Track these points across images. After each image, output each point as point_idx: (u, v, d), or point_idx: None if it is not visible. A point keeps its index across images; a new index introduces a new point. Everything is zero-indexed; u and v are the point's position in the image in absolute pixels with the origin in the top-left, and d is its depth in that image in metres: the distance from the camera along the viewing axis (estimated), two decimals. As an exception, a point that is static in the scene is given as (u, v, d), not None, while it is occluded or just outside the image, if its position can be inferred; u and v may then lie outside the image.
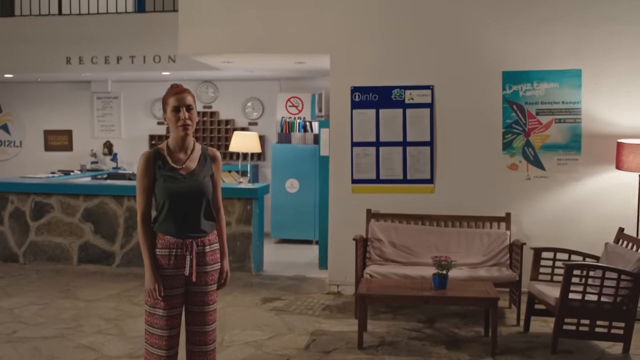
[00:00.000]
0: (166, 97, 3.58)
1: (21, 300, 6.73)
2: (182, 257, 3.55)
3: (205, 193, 3.58)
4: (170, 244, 3.54)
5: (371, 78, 6.93)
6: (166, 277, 3.54)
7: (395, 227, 6.77)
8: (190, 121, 3.54)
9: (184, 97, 3.55)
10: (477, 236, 6.62)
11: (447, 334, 5.70)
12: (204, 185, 3.59)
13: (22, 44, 9.59)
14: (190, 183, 3.56)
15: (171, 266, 3.54)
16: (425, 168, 6.89)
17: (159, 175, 3.56)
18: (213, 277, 3.66)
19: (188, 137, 3.60)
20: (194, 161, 3.63)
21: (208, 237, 3.64)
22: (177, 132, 3.57)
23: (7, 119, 11.68)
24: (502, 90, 6.74)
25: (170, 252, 3.54)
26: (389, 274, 6.15)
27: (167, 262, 3.54)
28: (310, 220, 9.80)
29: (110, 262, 8.22)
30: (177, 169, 3.57)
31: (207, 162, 3.67)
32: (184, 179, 3.56)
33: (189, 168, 3.60)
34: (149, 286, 3.51)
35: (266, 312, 6.34)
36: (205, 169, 3.64)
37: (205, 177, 3.61)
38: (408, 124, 6.88)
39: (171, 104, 3.54)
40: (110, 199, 8.18)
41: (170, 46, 8.88)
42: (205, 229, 3.62)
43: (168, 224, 3.55)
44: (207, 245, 3.63)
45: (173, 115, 3.53)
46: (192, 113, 3.55)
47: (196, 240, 3.58)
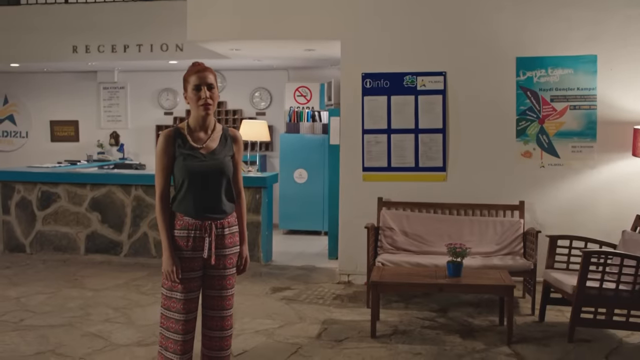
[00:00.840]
0: (187, 75, 3.48)
1: (28, 289, 6.65)
2: (201, 239, 3.46)
3: (226, 172, 3.49)
4: (189, 225, 3.45)
5: (382, 64, 6.82)
6: (184, 259, 3.45)
7: (407, 215, 6.67)
8: (211, 100, 3.45)
9: (206, 75, 3.45)
10: (490, 224, 6.52)
11: (461, 323, 5.60)
12: (224, 165, 3.49)
13: (28, 32, 9.50)
14: (211, 162, 3.46)
15: (189, 248, 3.45)
16: (437, 155, 6.78)
17: (178, 154, 3.46)
18: (232, 260, 3.57)
19: (209, 117, 3.51)
20: (215, 141, 3.53)
21: (227, 219, 3.54)
22: (197, 112, 3.48)
23: (13, 110, 11.60)
24: (516, 76, 6.63)
25: (189, 234, 3.45)
26: (401, 263, 6.05)
27: (185, 243, 3.45)
28: (319, 211, 9.70)
29: (117, 252, 8.14)
30: (198, 148, 3.48)
31: (227, 142, 3.57)
32: (204, 158, 3.46)
33: (210, 147, 3.50)
34: (166, 268, 3.42)
35: (276, 302, 6.25)
36: (226, 149, 3.55)
37: (225, 157, 3.52)
38: (420, 110, 6.77)
39: (192, 83, 3.44)
40: (117, 188, 8.09)
41: (177, 34, 8.78)
42: (225, 210, 3.52)
43: (187, 203, 3.46)
44: (226, 228, 3.53)
45: (194, 94, 3.44)
46: (213, 92, 3.46)
47: (215, 222, 3.48)
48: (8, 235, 8.41)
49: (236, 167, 3.62)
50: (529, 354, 4.82)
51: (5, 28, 9.61)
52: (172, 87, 11.00)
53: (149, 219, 7.99)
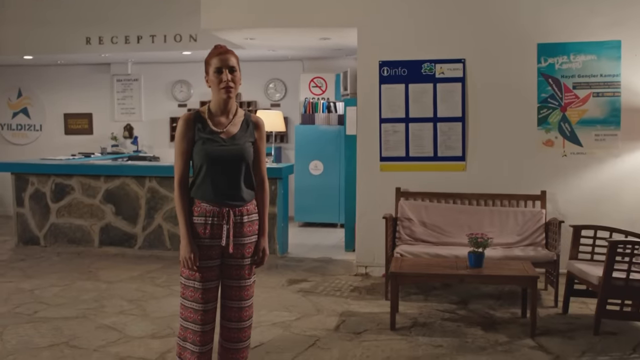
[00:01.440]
0: (209, 57, 3.39)
1: (42, 281, 6.58)
2: (219, 227, 3.35)
3: (246, 158, 3.38)
4: (207, 211, 3.35)
5: (400, 52, 6.68)
6: (202, 247, 3.35)
7: (426, 206, 6.53)
8: (233, 84, 3.34)
9: (228, 57, 3.36)
10: (511, 215, 6.37)
11: (482, 315, 5.47)
12: (244, 150, 3.38)
13: (41, 24, 9.44)
14: (230, 147, 3.36)
15: (207, 236, 3.35)
16: (456, 145, 6.64)
17: (197, 138, 3.36)
18: (250, 249, 3.46)
19: (230, 101, 3.40)
20: (236, 126, 3.43)
21: (247, 207, 3.43)
22: (218, 95, 3.37)
23: (27, 103, 11.55)
24: (537, 63, 6.47)
25: (206, 221, 3.35)
26: (420, 254, 5.93)
27: (202, 231, 3.35)
28: (334, 203, 9.59)
29: (132, 245, 8.06)
30: (218, 133, 3.37)
31: (249, 128, 3.46)
32: (224, 143, 3.36)
33: (230, 132, 3.39)
34: (184, 255, 3.32)
35: (293, 294, 6.14)
36: (247, 135, 3.44)
37: (246, 143, 3.41)
38: (439, 99, 6.63)
39: (214, 65, 3.35)
40: (131, 180, 8.01)
41: (191, 24, 8.71)
42: (244, 197, 3.41)
43: (205, 189, 3.36)
44: (245, 215, 3.42)
45: (215, 77, 3.34)
46: (235, 75, 3.36)
47: (234, 209, 3.37)
48: (22, 228, 8.35)
49: (258, 154, 3.50)
50: (553, 347, 4.69)
51: (18, 20, 9.55)
52: (186, 79, 10.91)
53: (164, 210, 7.90)
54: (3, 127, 11.68)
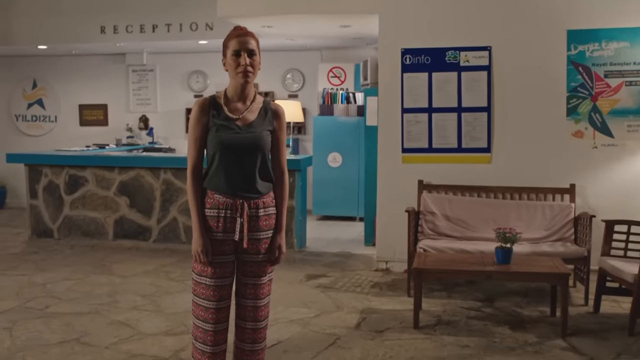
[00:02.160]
0: (227, 39, 3.17)
1: (55, 275, 6.43)
2: (232, 220, 3.15)
3: (262, 147, 3.16)
4: (219, 203, 3.15)
5: (423, 39, 6.43)
6: (214, 242, 3.15)
7: (449, 199, 6.30)
8: (251, 68, 3.12)
9: (247, 40, 3.13)
10: (538, 209, 6.13)
11: (510, 313, 5.24)
12: (261, 139, 3.16)
13: (56, 13, 9.27)
14: (246, 135, 3.14)
15: (220, 229, 3.14)
16: (481, 136, 6.39)
17: (212, 124, 3.15)
18: (267, 245, 3.24)
19: (248, 86, 3.19)
20: (253, 113, 3.21)
21: (262, 199, 3.21)
22: (236, 80, 3.15)
23: (42, 94, 11.42)
24: (567, 50, 6.19)
25: (219, 214, 3.14)
26: (444, 249, 5.70)
27: (215, 224, 3.15)
28: (353, 196, 9.38)
29: (146, 238, 7.89)
30: (233, 119, 3.16)
31: (267, 116, 3.24)
32: (239, 130, 3.14)
33: (247, 119, 3.18)
34: (195, 248, 3.13)
35: (311, 289, 5.94)
36: (265, 123, 3.22)
37: (263, 131, 3.19)
38: (463, 88, 6.38)
39: (231, 47, 3.12)
40: (146, 172, 7.83)
41: (207, 13, 8.51)
42: (259, 189, 3.19)
43: (217, 179, 3.15)
44: (261, 209, 3.20)
45: (233, 60, 3.12)
46: (254, 59, 3.13)
47: (248, 202, 3.16)
48: (36, 220, 8.21)
49: (277, 144, 3.28)
50: (586, 348, 4.45)
51: (32, 9, 9.39)
52: (202, 69, 10.72)
53: (179, 203, 7.72)
54: (18, 118, 11.56)
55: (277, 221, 3.29)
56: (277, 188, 3.31)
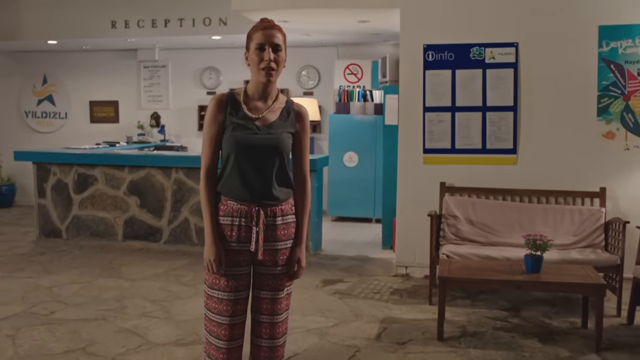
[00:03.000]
0: (251, 31, 2.91)
1: (62, 278, 6.21)
2: (247, 229, 2.89)
3: (281, 150, 2.90)
4: (233, 210, 2.89)
5: (447, 34, 6.15)
6: (228, 252, 2.89)
7: (473, 202, 6.02)
8: (275, 64, 2.86)
9: (273, 34, 2.88)
10: (567, 213, 5.83)
11: (538, 324, 4.96)
12: (280, 141, 2.90)
13: (65, 7, 9.04)
14: (264, 136, 2.89)
15: (234, 239, 2.89)
16: (507, 136, 6.10)
17: (228, 123, 2.90)
18: (285, 256, 2.98)
19: (271, 84, 2.93)
20: (274, 113, 2.95)
21: (281, 207, 2.94)
22: (258, 76, 2.90)
23: (52, 90, 11.20)
24: (598, 47, 5.89)
25: (233, 221, 2.89)
26: (468, 255, 5.42)
27: (229, 233, 2.89)
28: (369, 197, 9.12)
29: (157, 239, 7.65)
30: (252, 119, 2.91)
31: (290, 117, 2.98)
32: (258, 131, 2.89)
33: (267, 120, 2.92)
34: (207, 257, 2.88)
35: (328, 296, 5.68)
36: (287, 125, 2.95)
37: (284, 133, 2.93)
38: (488, 86, 6.09)
39: (255, 41, 2.87)
40: (157, 171, 7.59)
41: (221, 8, 8.27)
42: (277, 196, 2.92)
43: (231, 183, 2.90)
44: (279, 217, 2.94)
45: (256, 55, 2.87)
46: (279, 55, 2.87)
47: (265, 209, 2.90)
48: (44, 220, 7.99)
49: (300, 148, 3.01)
50: (623, 364, 4.17)
51: (41, 3, 9.17)
52: (215, 66, 10.47)
53: (190, 203, 7.47)
54: (28, 115, 11.35)
55: (297, 232, 3.03)
56: (298, 196, 3.04)
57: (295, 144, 2.99)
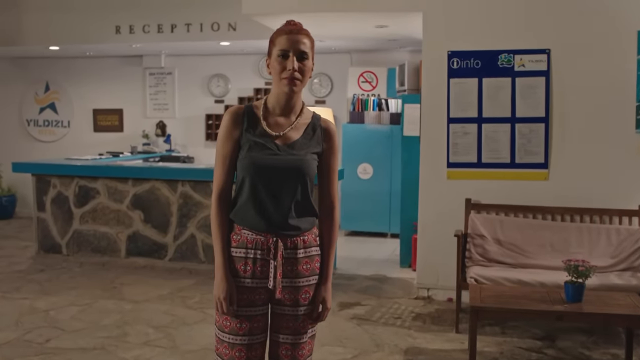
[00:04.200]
0: (275, 35, 2.53)
1: (60, 299, 5.81)
2: (264, 263, 2.50)
3: (304, 173, 2.52)
4: (248, 242, 2.51)
5: (473, 40, 5.74)
6: (242, 289, 2.51)
7: (501, 220, 5.59)
8: (300, 75, 2.48)
9: (298, 39, 2.49)
10: (603, 233, 5.40)
11: (576, 356, 4.54)
12: (304, 163, 2.52)
13: (67, 12, 8.67)
14: (286, 157, 2.51)
15: (248, 274, 2.51)
16: (538, 149, 5.68)
17: (244, 141, 2.52)
18: (309, 294, 2.58)
19: (295, 96, 2.55)
20: (298, 130, 2.57)
21: (303, 237, 2.55)
22: (279, 87, 2.52)
23: (55, 97, 10.84)
24: (637, 54, 5.46)
25: (247, 254, 2.51)
26: (498, 279, 4.99)
27: (242, 267, 2.51)
28: (384, 211, 8.70)
29: (162, 256, 7.24)
30: (272, 136, 2.53)
31: (315, 135, 2.59)
32: (278, 151, 2.51)
33: (289, 138, 2.54)
34: (217, 294, 2.50)
35: (346, 322, 5.26)
36: (312, 144, 2.57)
37: (308, 154, 2.54)
38: (518, 95, 5.67)
39: (279, 46, 2.49)
40: (162, 184, 7.18)
41: (230, 12, 7.91)
42: (299, 225, 2.53)
43: (246, 210, 2.52)
44: (300, 249, 2.54)
45: (278, 63, 2.48)
46: (305, 64, 2.49)
47: (284, 240, 2.51)
48: (43, 234, 7.59)
49: (327, 171, 2.64)
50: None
51: (43, 7, 8.80)
52: (224, 73, 10.07)
53: (197, 218, 7.06)
54: (29, 123, 10.98)
55: (322, 267, 2.63)
56: (324, 225, 2.64)
57: (321, 166, 2.61)
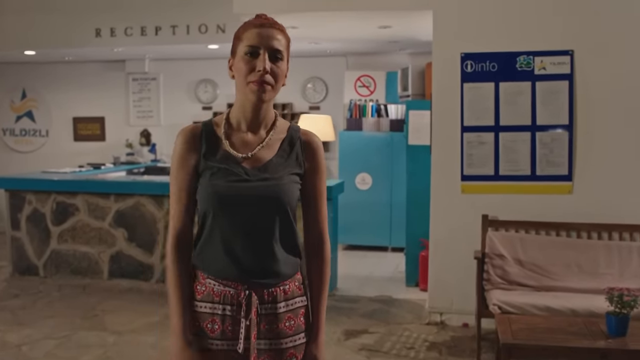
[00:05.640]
0: (242, 29, 2.01)
1: (34, 331, 5.24)
2: (237, 321, 1.97)
3: (282, 202, 1.98)
4: (214, 294, 1.98)
5: (488, 41, 5.24)
6: (210, 354, 1.98)
7: (522, 238, 5.09)
8: (271, 77, 1.95)
9: (272, 34, 1.96)
10: (635, 252, 4.93)
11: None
12: (280, 188, 1.99)
13: (43, 13, 8.06)
14: (256, 183, 1.97)
15: (216, 334, 1.98)
16: (561, 160, 5.18)
17: (203, 167, 1.99)
18: (295, 358, 2.05)
19: (265, 106, 2.01)
20: (271, 148, 2.03)
21: (284, 286, 2.02)
22: (245, 94, 1.99)
23: (32, 105, 10.24)
24: (670, 55, 5.01)
25: (215, 309, 1.99)
26: (524, 306, 4.48)
27: (209, 325, 1.98)
28: (384, 223, 8.20)
29: (147, 277, 6.68)
30: (237, 159, 1.99)
31: (293, 151, 2.06)
32: (246, 176, 1.98)
33: (260, 159, 2.01)
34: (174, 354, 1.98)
35: (354, 354, 4.74)
36: (289, 163, 2.04)
37: (285, 177, 2.00)
38: (538, 101, 5.18)
39: (246, 41, 1.97)
40: (147, 199, 6.62)
41: (219, 13, 7.34)
42: (279, 270, 2.00)
43: (211, 255, 2.00)
44: (281, 302, 2.02)
45: (245, 62, 1.96)
46: (279, 66, 1.96)
47: (259, 291, 1.98)
48: (18, 255, 7.01)
49: (312, 196, 2.10)
50: None
51: (18, 9, 8.18)
52: (212, 78, 9.53)
53: (186, 237, 6.51)
54: (5, 133, 10.37)
55: (313, 319, 2.10)
56: (312, 266, 2.11)
57: (304, 190, 2.07)
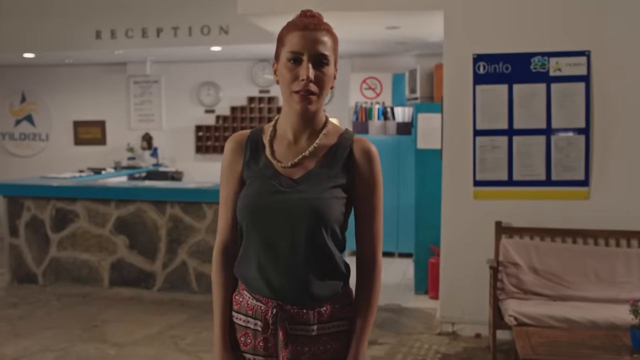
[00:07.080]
0: (285, 31, 1.84)
1: (32, 343, 5.06)
2: (265, 337, 1.84)
3: (320, 217, 1.80)
4: (248, 307, 1.85)
5: (501, 42, 5.06)
6: None
7: (537, 246, 4.92)
8: (316, 87, 1.78)
9: (317, 37, 1.80)
10: (655, 260, 4.76)
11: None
12: (319, 203, 1.80)
13: (43, 16, 7.92)
14: (290, 196, 1.81)
15: (248, 348, 1.85)
16: (577, 165, 5.00)
17: (246, 175, 1.85)
18: None
19: (310, 115, 1.83)
20: (315, 157, 1.85)
21: (320, 309, 1.85)
22: (289, 103, 1.82)
23: (32, 109, 10.08)
24: (690, 55, 4.83)
25: (247, 322, 1.85)
26: (542, 318, 4.30)
27: (242, 338, 1.86)
28: (391, 229, 8.01)
29: (149, 285, 6.51)
30: (276, 167, 1.84)
31: (338, 160, 1.87)
32: (282, 188, 1.81)
33: (301, 169, 1.84)
34: None
35: (364, 368, 4.54)
36: (333, 174, 1.85)
37: (326, 191, 1.81)
38: (554, 104, 5.00)
39: (289, 46, 1.79)
40: (149, 206, 6.45)
41: (222, 14, 7.26)
42: (314, 293, 1.83)
43: (245, 267, 1.86)
44: (313, 325, 1.84)
45: (288, 69, 1.79)
46: (324, 72, 1.79)
47: (289, 313, 1.82)
48: (17, 263, 6.84)
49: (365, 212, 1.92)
50: None
51: (17, 11, 8.04)
52: (214, 81, 9.37)
53: (189, 244, 6.34)
54: (4, 137, 10.22)
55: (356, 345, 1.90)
56: (359, 286, 1.94)
57: (357, 205, 1.90)
